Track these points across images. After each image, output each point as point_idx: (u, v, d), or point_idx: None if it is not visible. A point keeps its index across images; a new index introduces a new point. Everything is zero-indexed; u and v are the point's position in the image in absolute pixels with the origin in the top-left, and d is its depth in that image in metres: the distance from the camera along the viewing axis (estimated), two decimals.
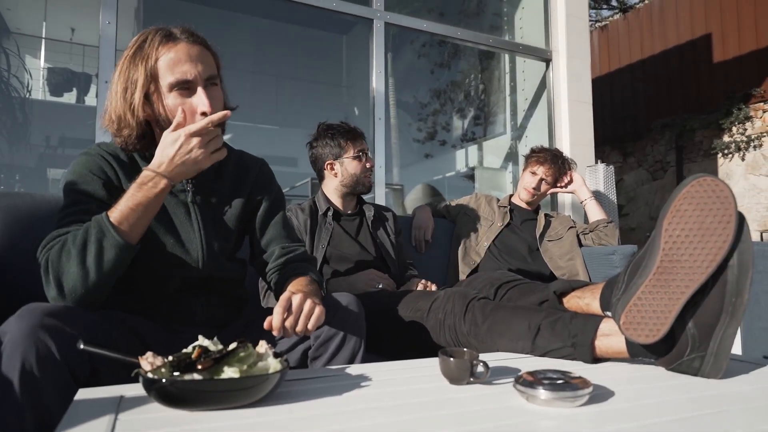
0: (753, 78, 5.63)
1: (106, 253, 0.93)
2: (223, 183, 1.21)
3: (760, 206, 5.48)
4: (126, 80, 1.02)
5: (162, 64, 1.01)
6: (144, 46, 1.02)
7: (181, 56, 1.02)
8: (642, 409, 0.74)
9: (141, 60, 1.01)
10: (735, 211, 0.90)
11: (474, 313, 1.21)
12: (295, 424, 0.66)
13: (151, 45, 1.01)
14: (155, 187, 0.97)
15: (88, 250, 0.93)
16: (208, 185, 1.19)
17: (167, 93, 1.02)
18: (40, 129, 4.25)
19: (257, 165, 1.29)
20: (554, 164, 2.40)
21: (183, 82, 1.02)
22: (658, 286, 0.93)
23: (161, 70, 1.01)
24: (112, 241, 0.93)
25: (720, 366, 0.89)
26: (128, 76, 1.02)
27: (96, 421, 0.64)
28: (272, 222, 1.26)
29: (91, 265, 0.93)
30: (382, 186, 3.07)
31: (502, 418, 0.69)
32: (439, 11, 4.30)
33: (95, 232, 0.94)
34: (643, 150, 6.69)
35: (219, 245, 1.18)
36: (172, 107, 1.03)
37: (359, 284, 1.67)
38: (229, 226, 1.21)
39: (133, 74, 1.02)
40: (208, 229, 1.16)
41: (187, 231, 1.14)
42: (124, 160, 1.12)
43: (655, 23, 6.73)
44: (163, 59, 1.01)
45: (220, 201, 1.20)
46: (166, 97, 1.03)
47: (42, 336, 0.80)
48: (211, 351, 0.75)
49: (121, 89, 1.03)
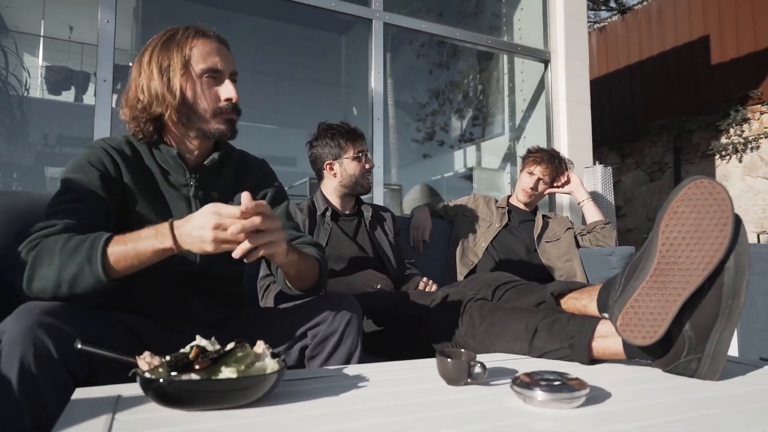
0: (750, 80, 5.65)
1: (84, 278, 0.90)
2: (225, 179, 1.23)
3: (757, 208, 5.50)
4: (160, 63, 1.09)
5: (195, 52, 1.10)
6: (176, 36, 1.11)
7: (213, 49, 1.12)
8: (638, 410, 0.74)
9: (175, 47, 1.09)
10: (732, 213, 0.90)
11: (472, 314, 1.21)
12: (292, 425, 0.66)
13: (184, 36, 1.10)
14: (161, 248, 0.92)
15: (68, 266, 0.90)
16: (211, 180, 1.20)
17: (197, 79, 1.10)
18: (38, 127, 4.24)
19: (257, 164, 1.30)
20: (551, 164, 2.40)
21: (214, 70, 1.11)
22: (655, 288, 0.93)
23: (194, 57, 1.10)
24: (95, 272, 0.89)
25: (717, 368, 0.90)
26: (162, 60, 1.09)
27: (93, 420, 0.64)
28: (277, 213, 1.26)
29: (65, 280, 0.90)
30: (380, 186, 3.08)
31: (498, 419, 0.69)
32: (438, 11, 4.31)
33: (85, 252, 0.90)
34: (641, 151, 6.70)
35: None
36: (200, 92, 1.10)
37: (357, 284, 1.67)
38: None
39: (167, 58, 1.09)
40: None
41: None
42: (128, 154, 1.12)
43: (653, 25, 6.74)
44: (196, 48, 1.10)
45: (222, 197, 1.21)
46: (196, 82, 1.10)
47: (40, 335, 0.80)
48: (208, 351, 0.75)
49: (156, 71, 1.09)
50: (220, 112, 1.12)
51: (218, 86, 1.12)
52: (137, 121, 1.11)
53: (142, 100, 1.09)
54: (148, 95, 1.09)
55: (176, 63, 1.08)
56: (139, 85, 1.10)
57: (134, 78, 1.11)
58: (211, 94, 1.11)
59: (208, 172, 1.19)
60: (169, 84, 1.08)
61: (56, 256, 0.90)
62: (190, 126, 1.13)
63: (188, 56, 1.09)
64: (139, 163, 1.14)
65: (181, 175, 1.16)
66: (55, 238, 0.93)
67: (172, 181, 1.16)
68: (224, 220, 0.87)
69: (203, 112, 1.11)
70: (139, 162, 1.14)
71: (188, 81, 1.10)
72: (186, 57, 1.09)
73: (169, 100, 1.08)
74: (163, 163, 1.16)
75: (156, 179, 1.15)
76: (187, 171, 1.16)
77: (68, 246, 0.91)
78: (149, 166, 1.15)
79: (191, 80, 1.10)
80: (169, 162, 1.16)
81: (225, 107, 1.13)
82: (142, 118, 1.10)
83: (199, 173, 1.17)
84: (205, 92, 1.11)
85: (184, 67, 1.09)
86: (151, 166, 1.15)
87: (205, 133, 1.14)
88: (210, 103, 1.11)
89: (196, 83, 1.10)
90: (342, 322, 1.10)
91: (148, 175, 1.14)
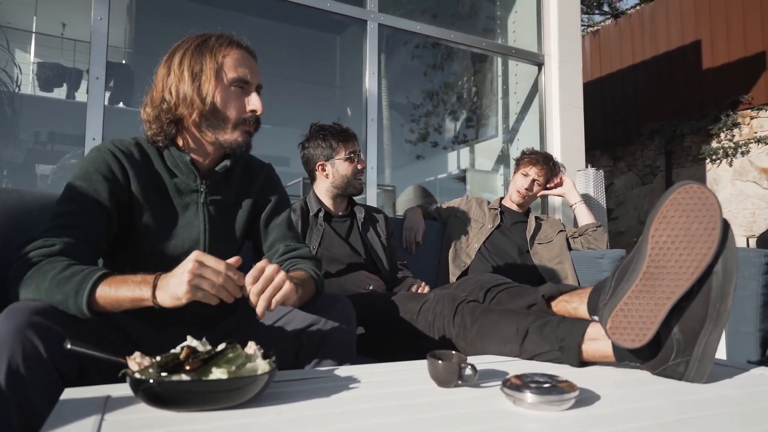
0: (741, 85, 5.70)
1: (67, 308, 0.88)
2: (232, 184, 1.23)
3: (747, 212, 5.55)
4: (192, 67, 1.09)
5: (228, 60, 1.11)
6: (209, 42, 1.11)
7: (244, 60, 1.14)
8: (627, 413, 0.75)
9: (208, 53, 1.10)
10: (720, 218, 0.91)
11: (463, 316, 1.22)
12: (283, 425, 0.66)
13: (218, 43, 1.11)
14: (139, 297, 0.89)
15: (55, 294, 0.88)
16: (219, 186, 1.20)
17: (227, 86, 1.11)
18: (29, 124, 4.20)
19: (264, 170, 1.31)
20: (546, 165, 2.42)
21: (244, 80, 1.12)
22: (644, 292, 0.94)
23: (226, 65, 1.11)
24: (78, 306, 0.87)
25: (704, 371, 0.91)
26: (194, 65, 1.09)
27: (82, 421, 0.64)
28: (277, 222, 1.27)
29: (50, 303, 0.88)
30: (373, 187, 3.08)
31: (488, 421, 0.70)
32: (432, 13, 4.31)
33: (75, 285, 0.88)
34: (633, 155, 6.75)
35: (223, 249, 1.17)
36: (228, 100, 1.11)
37: (349, 286, 1.67)
38: (236, 230, 1.22)
39: (199, 63, 1.09)
40: (214, 232, 1.17)
41: (192, 232, 1.14)
42: (136, 157, 1.11)
43: (646, 29, 6.79)
44: (229, 57, 1.11)
45: (229, 204, 1.21)
46: (225, 90, 1.11)
47: (29, 335, 0.79)
48: (199, 352, 0.75)
49: (187, 74, 1.09)
50: (243, 122, 1.14)
51: (245, 96, 1.14)
52: (159, 122, 1.11)
53: (169, 101, 1.09)
54: (176, 97, 1.09)
55: (208, 69, 1.09)
56: (167, 85, 1.10)
57: (162, 78, 1.11)
58: (238, 103, 1.12)
59: (218, 177, 1.19)
60: (199, 88, 1.09)
61: (46, 282, 0.88)
62: (211, 132, 1.13)
63: (221, 63, 1.10)
64: (147, 167, 1.13)
65: (191, 180, 1.16)
66: (52, 264, 0.91)
67: (181, 187, 1.15)
68: (203, 270, 0.85)
69: (228, 120, 1.12)
70: (148, 166, 1.13)
71: (218, 88, 1.10)
72: (219, 64, 1.10)
73: (197, 104, 1.09)
74: (174, 167, 1.15)
75: (165, 184, 1.14)
76: (198, 177, 1.16)
77: (61, 275, 0.89)
78: (158, 171, 1.14)
79: (221, 87, 1.11)
80: (180, 167, 1.15)
81: (249, 118, 1.14)
82: (166, 119, 1.10)
83: (209, 179, 1.17)
84: (233, 101, 1.12)
85: (215, 74, 1.09)
86: (160, 171, 1.14)
87: (221, 143, 1.14)
88: (236, 112, 1.12)
89: (225, 91, 1.11)
90: (336, 324, 1.10)
91: (156, 179, 1.13)
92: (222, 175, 1.20)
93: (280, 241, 1.26)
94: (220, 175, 1.19)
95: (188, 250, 1.13)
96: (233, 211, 1.22)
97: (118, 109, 4.13)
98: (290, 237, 1.27)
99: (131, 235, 1.10)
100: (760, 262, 1.61)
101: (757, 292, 1.60)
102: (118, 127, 1.19)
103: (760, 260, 1.61)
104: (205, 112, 1.10)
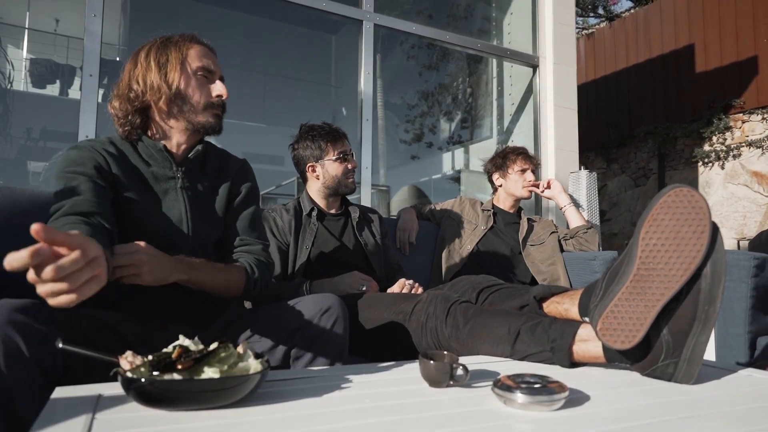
0: (733, 88, 5.76)
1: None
2: (208, 174, 1.26)
3: (738, 215, 5.60)
4: (158, 58, 1.16)
5: (192, 53, 1.19)
6: (172, 39, 1.19)
7: (206, 53, 1.22)
8: (616, 413, 0.76)
9: (173, 46, 1.17)
10: (709, 221, 0.92)
11: (456, 317, 1.22)
12: (275, 425, 0.67)
13: (180, 39, 1.19)
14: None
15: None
16: (196, 174, 1.23)
17: (192, 75, 1.18)
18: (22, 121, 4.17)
19: (239, 163, 1.34)
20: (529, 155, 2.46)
21: (208, 69, 1.20)
22: (634, 294, 0.95)
23: (190, 56, 1.19)
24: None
25: (693, 372, 0.92)
26: (160, 56, 1.16)
27: (73, 420, 0.64)
28: (243, 215, 1.29)
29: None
30: (368, 187, 3.08)
31: (479, 421, 0.70)
32: (428, 14, 4.32)
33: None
34: (626, 157, 6.79)
35: (206, 232, 1.21)
36: (194, 86, 1.18)
37: (342, 286, 1.67)
38: (217, 212, 1.25)
39: (165, 55, 1.16)
40: (195, 216, 1.19)
41: (175, 217, 1.17)
42: (113, 153, 1.14)
43: (640, 32, 6.84)
44: (192, 50, 1.20)
45: (207, 190, 1.25)
46: (191, 77, 1.18)
47: (10, 333, 0.78)
48: (191, 351, 0.75)
49: (154, 64, 1.15)
50: (211, 106, 1.20)
51: (210, 84, 1.21)
52: (125, 113, 1.15)
53: (136, 90, 1.14)
54: (143, 85, 1.14)
55: (173, 59, 1.16)
56: (134, 76, 1.15)
57: (128, 71, 1.17)
58: (204, 89, 1.19)
59: (193, 165, 1.23)
60: (165, 76, 1.15)
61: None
62: (180, 117, 1.18)
63: (185, 54, 1.18)
64: (124, 161, 1.16)
65: (167, 168, 1.18)
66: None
67: (158, 175, 1.18)
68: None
69: (195, 104, 1.18)
70: (125, 160, 1.16)
71: (183, 75, 1.17)
72: (183, 55, 1.18)
73: (164, 90, 1.14)
74: (149, 157, 1.18)
75: (143, 175, 1.17)
76: (173, 164, 1.19)
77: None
78: (134, 163, 1.17)
79: (186, 75, 1.17)
80: (154, 156, 1.18)
81: (216, 102, 1.21)
82: (131, 108, 1.15)
83: (184, 166, 1.20)
84: (198, 87, 1.19)
85: (180, 64, 1.17)
86: (136, 164, 1.17)
87: (194, 125, 1.19)
88: (203, 97, 1.19)
89: (190, 78, 1.18)
90: (328, 324, 1.10)
91: (134, 171, 1.16)
92: (197, 163, 1.24)
93: (243, 232, 1.27)
94: (195, 163, 1.23)
95: (173, 237, 1.15)
96: (211, 196, 1.26)
97: None
98: (248, 232, 1.28)
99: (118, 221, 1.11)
100: (749, 265, 1.63)
101: (746, 295, 1.61)
102: (111, 125, 1.20)
103: (749, 263, 1.63)
104: (171, 97, 1.16)
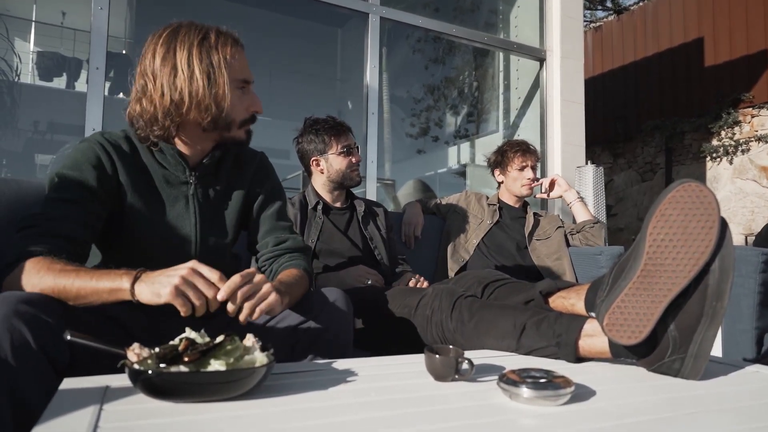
0: (743, 83, 5.69)
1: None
2: (223, 176, 1.22)
3: (746, 210, 5.56)
4: (204, 68, 1.05)
5: (235, 63, 1.09)
6: (209, 40, 1.07)
7: (243, 57, 1.12)
8: (622, 408, 0.75)
9: (214, 53, 1.06)
10: (718, 216, 0.92)
11: (461, 311, 1.22)
12: (280, 417, 0.67)
13: (220, 41, 1.07)
14: (119, 289, 0.88)
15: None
16: (209, 178, 1.20)
17: (234, 89, 1.09)
18: (29, 113, 4.19)
19: (256, 158, 1.29)
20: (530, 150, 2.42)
21: (247, 81, 1.13)
22: (641, 289, 0.94)
23: (234, 68, 1.09)
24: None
25: (699, 368, 0.91)
26: (206, 66, 1.05)
27: (81, 411, 0.64)
28: (269, 213, 1.27)
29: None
30: (373, 181, 3.08)
31: (484, 416, 0.70)
32: (434, 7, 4.30)
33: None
34: (633, 151, 6.74)
35: (215, 241, 1.19)
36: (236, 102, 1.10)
37: (348, 280, 1.67)
38: (227, 221, 1.22)
39: (211, 66, 1.05)
40: (204, 224, 1.17)
41: (183, 224, 1.14)
42: (125, 150, 1.11)
43: (648, 26, 6.77)
44: (235, 57, 1.09)
45: (220, 196, 1.21)
46: (234, 93, 1.09)
47: (17, 324, 0.79)
48: (198, 343, 0.75)
49: (201, 75, 1.04)
50: (246, 122, 1.16)
51: (246, 96, 1.14)
52: (160, 122, 1.06)
53: (179, 103, 1.04)
54: (188, 100, 1.04)
55: (219, 71, 1.06)
56: (175, 85, 1.04)
57: (165, 75, 1.04)
58: (243, 103, 1.13)
59: (207, 169, 1.18)
60: (215, 94, 1.06)
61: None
62: (214, 132, 1.12)
63: (229, 64, 1.07)
64: (136, 159, 1.13)
65: (180, 172, 1.15)
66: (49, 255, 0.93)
67: (170, 179, 1.15)
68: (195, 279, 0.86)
69: (233, 121, 1.12)
70: (137, 159, 1.13)
71: (230, 91, 1.08)
72: (228, 65, 1.07)
73: (212, 110, 1.06)
74: (162, 160, 1.14)
75: (153, 177, 1.14)
76: (187, 169, 1.15)
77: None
78: (146, 164, 1.14)
79: (231, 90, 1.09)
80: (168, 160, 1.14)
81: (251, 118, 1.17)
82: (173, 121, 1.06)
83: (198, 171, 1.17)
84: (239, 102, 1.12)
85: (227, 77, 1.07)
86: (148, 163, 1.14)
87: (225, 139, 1.15)
88: (242, 113, 1.13)
89: (234, 93, 1.10)
90: (333, 317, 1.10)
91: (144, 172, 1.13)
92: (212, 166, 1.19)
93: (270, 233, 1.26)
94: (210, 167, 1.18)
95: (179, 244, 1.13)
96: (224, 202, 1.22)
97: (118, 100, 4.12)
98: (280, 228, 1.27)
99: (121, 226, 1.10)
100: (757, 260, 1.62)
101: (753, 290, 1.60)
102: (118, 117, 1.18)
103: (758, 259, 1.62)
104: (216, 116, 1.08)
